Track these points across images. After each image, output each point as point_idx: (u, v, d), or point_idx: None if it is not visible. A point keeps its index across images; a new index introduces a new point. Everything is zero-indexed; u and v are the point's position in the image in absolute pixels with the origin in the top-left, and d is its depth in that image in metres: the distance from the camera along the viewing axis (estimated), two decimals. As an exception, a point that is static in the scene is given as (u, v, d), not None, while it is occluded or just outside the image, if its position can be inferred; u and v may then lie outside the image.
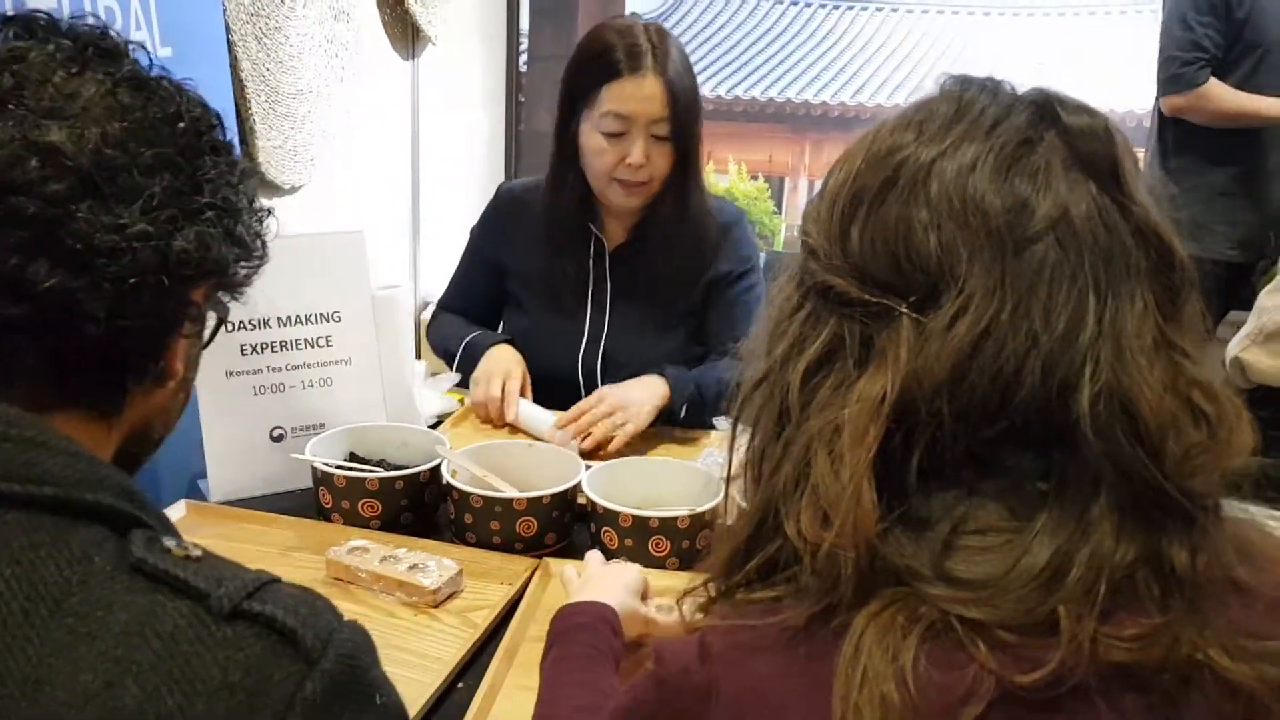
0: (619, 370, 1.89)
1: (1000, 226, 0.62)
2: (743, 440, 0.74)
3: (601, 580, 1.15)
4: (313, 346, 1.61)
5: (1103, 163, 0.64)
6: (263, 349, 1.57)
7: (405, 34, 3.17)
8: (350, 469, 1.48)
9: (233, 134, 0.80)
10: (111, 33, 0.76)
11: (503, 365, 1.88)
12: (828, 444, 0.64)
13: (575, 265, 1.94)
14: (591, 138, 1.80)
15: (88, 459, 0.68)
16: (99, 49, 0.73)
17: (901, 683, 0.57)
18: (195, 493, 1.55)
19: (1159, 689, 0.59)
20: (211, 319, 0.83)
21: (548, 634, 1.06)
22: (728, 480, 0.77)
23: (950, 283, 0.62)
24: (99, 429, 0.74)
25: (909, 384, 0.62)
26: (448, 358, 2.00)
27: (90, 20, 0.77)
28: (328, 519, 1.47)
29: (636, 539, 1.35)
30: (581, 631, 1.04)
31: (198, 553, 0.67)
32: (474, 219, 2.11)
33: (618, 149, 1.78)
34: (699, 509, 1.36)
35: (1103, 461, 0.60)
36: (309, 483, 1.51)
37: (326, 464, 1.47)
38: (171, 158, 0.72)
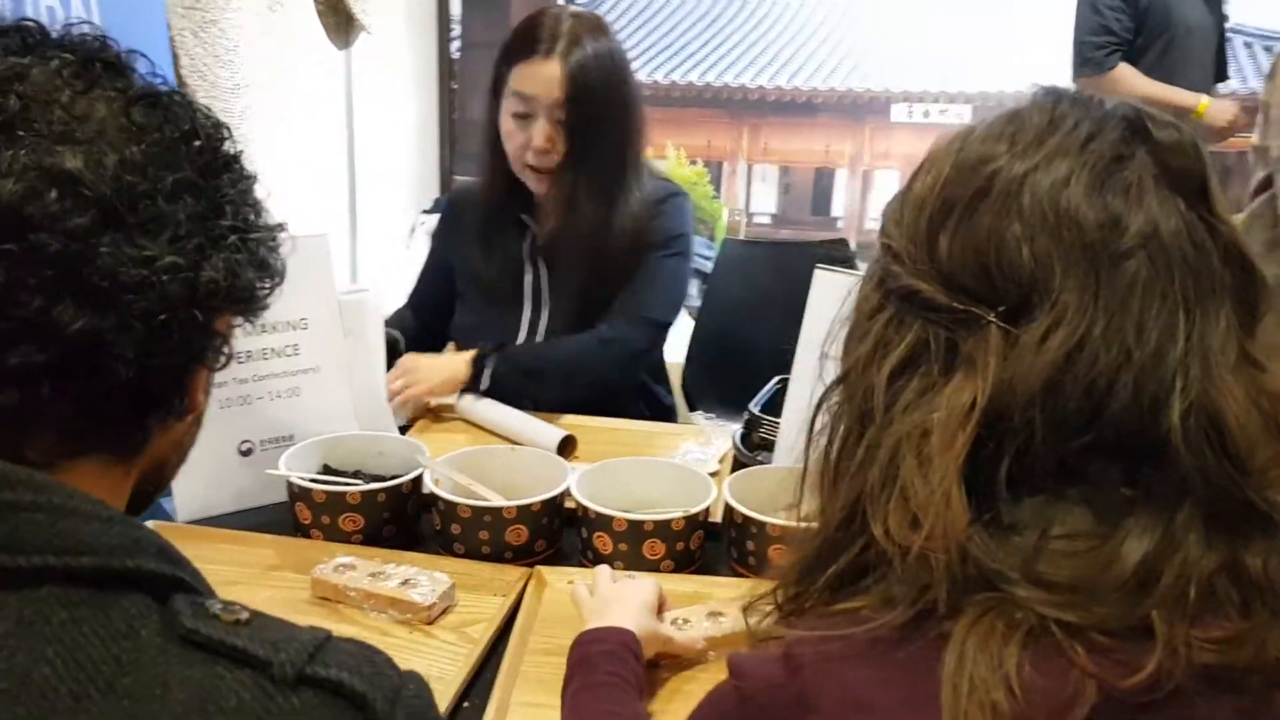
0: (516, 361, 1.88)
1: (1094, 242, 0.63)
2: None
3: (617, 600, 1.13)
4: (279, 356, 1.55)
5: (1192, 180, 0.66)
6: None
7: (339, 23, 3.08)
8: (329, 482, 1.44)
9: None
10: (110, 42, 0.70)
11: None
12: (916, 447, 0.65)
13: (506, 256, 1.94)
14: (505, 120, 1.83)
15: (122, 521, 0.63)
16: (104, 63, 0.67)
17: (1009, 690, 0.58)
18: (160, 513, 1.49)
19: (1249, 691, 0.60)
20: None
21: (568, 662, 1.04)
22: (802, 482, 0.76)
23: (1043, 295, 0.63)
24: (118, 473, 0.69)
25: (1000, 393, 0.63)
26: None
27: (84, 27, 0.71)
28: (306, 535, 1.42)
29: (631, 543, 1.33)
30: (604, 660, 1.02)
31: (245, 615, 0.63)
32: (410, 212, 2.12)
33: (525, 132, 1.80)
34: (693, 510, 1.35)
35: (1192, 473, 0.62)
36: (281, 497, 1.46)
37: (303, 478, 1.42)
38: (192, 180, 0.67)
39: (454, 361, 1.84)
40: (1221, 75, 3.14)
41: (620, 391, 1.99)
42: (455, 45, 4.28)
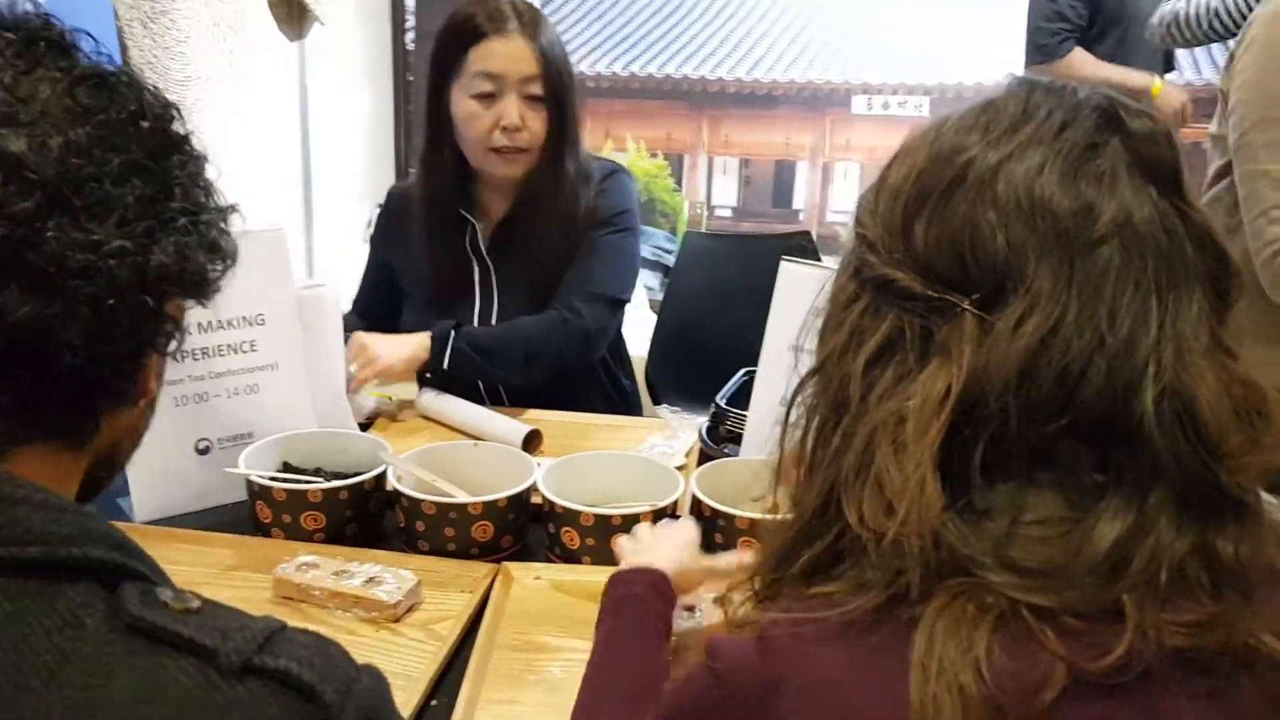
0: (476, 341, 1.85)
1: (1067, 229, 0.64)
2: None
3: (653, 544, 1.16)
4: (236, 352, 1.52)
5: (1165, 169, 0.66)
6: (182, 357, 1.43)
7: (291, 13, 3.04)
8: (289, 480, 1.41)
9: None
10: (54, 21, 0.67)
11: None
12: (891, 434, 0.65)
13: (452, 253, 1.90)
14: (463, 105, 1.77)
15: (73, 511, 0.62)
16: (48, 42, 0.65)
17: (978, 673, 0.58)
18: (117, 513, 1.46)
19: (1220, 673, 0.61)
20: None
21: (600, 604, 1.06)
22: (777, 472, 0.77)
23: (1018, 282, 0.64)
24: (67, 460, 0.67)
25: (974, 379, 0.63)
26: None
27: (26, 6, 0.68)
28: (267, 534, 1.39)
29: (598, 538, 1.31)
30: (631, 604, 1.04)
31: (196, 603, 0.62)
32: (366, 205, 2.09)
33: (492, 112, 1.76)
34: (660, 503, 1.34)
35: (1165, 457, 0.62)
36: (241, 496, 1.43)
37: (263, 476, 1.39)
38: (140, 162, 0.65)
39: (412, 340, 1.78)
40: (1169, 66, 3.18)
41: (581, 374, 1.96)
42: (409, 36, 4.24)
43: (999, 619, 0.60)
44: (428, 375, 1.81)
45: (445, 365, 1.78)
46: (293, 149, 3.21)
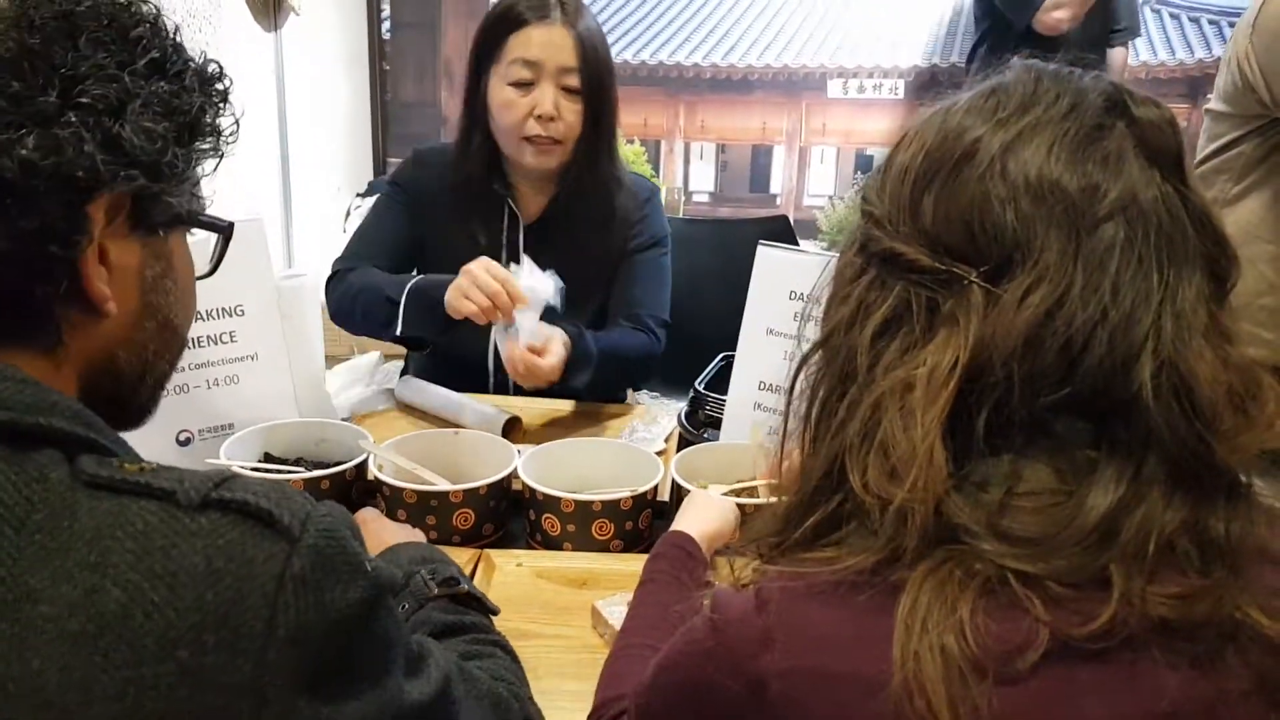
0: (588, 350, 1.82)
1: (1074, 205, 0.66)
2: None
3: (685, 512, 1.25)
4: (216, 343, 1.52)
5: (1168, 154, 0.68)
6: (162, 349, 1.47)
7: (267, 4, 3.02)
8: (270, 471, 1.42)
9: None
10: None
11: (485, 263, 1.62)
12: (898, 402, 0.67)
13: (487, 236, 1.87)
14: (500, 92, 1.76)
15: (35, 384, 0.66)
16: None
17: (960, 633, 0.60)
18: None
19: (1203, 645, 0.62)
20: (205, 241, 0.78)
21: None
22: (783, 442, 0.78)
23: (1026, 255, 0.66)
24: (44, 366, 0.69)
25: (980, 349, 0.65)
26: (379, 313, 1.75)
27: None
28: (249, 524, 1.39)
29: (579, 524, 1.32)
30: (657, 562, 1.13)
31: (152, 465, 0.64)
32: (345, 194, 2.03)
33: (527, 100, 1.73)
34: (640, 489, 1.35)
35: (1161, 430, 0.64)
36: (223, 487, 1.43)
37: (244, 467, 1.40)
38: (13, 59, 0.65)
39: (558, 347, 1.66)
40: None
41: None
42: (385, 25, 4.22)
43: (985, 584, 0.62)
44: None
45: (584, 381, 1.72)
46: (271, 140, 3.20)
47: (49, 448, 0.63)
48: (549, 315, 1.65)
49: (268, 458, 1.49)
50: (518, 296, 1.59)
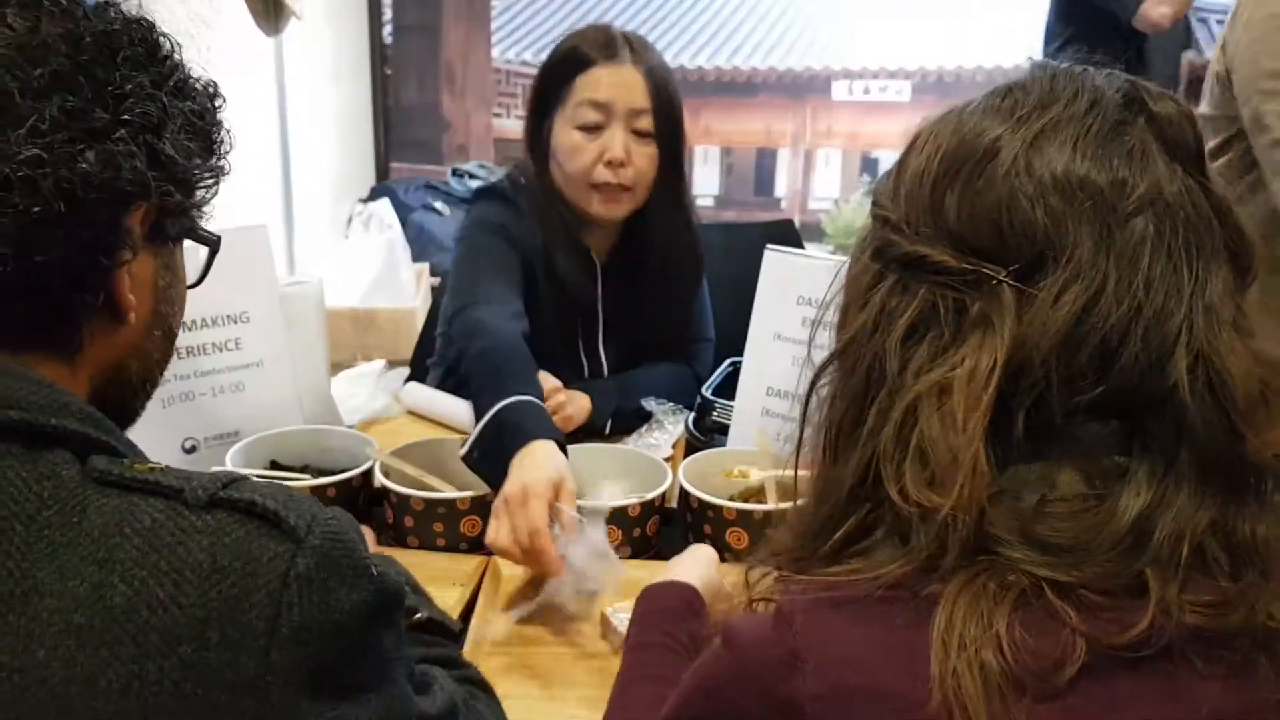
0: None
1: (1104, 202, 0.65)
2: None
3: (682, 558, 1.15)
4: (221, 350, 1.51)
5: (1188, 148, 0.69)
6: (166, 356, 1.47)
7: (268, 9, 3.02)
8: (277, 478, 1.41)
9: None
10: None
11: (544, 475, 1.22)
12: (935, 407, 0.66)
13: (570, 274, 1.72)
14: (566, 136, 1.66)
15: (50, 386, 0.67)
16: None
17: (998, 649, 0.59)
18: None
19: (1238, 654, 0.62)
20: (198, 254, 0.81)
21: (632, 614, 1.05)
22: (798, 453, 0.78)
23: (1057, 253, 0.65)
24: (61, 370, 0.71)
25: (1018, 350, 0.65)
26: (466, 409, 1.60)
27: None
28: (255, 533, 1.38)
29: (587, 530, 1.31)
30: (662, 619, 1.02)
31: (161, 465, 0.66)
32: (347, 201, 2.02)
33: (596, 145, 1.63)
34: (648, 495, 1.34)
35: (1195, 425, 0.64)
36: (228, 495, 1.42)
37: (251, 475, 1.39)
38: (69, 76, 0.67)
39: (584, 406, 1.67)
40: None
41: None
42: (387, 30, 4.22)
43: (1020, 597, 0.61)
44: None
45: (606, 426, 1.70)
46: (271, 146, 3.19)
47: (61, 448, 0.65)
48: None
49: (274, 465, 1.48)
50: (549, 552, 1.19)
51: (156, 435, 1.46)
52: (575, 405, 1.65)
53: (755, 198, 4.22)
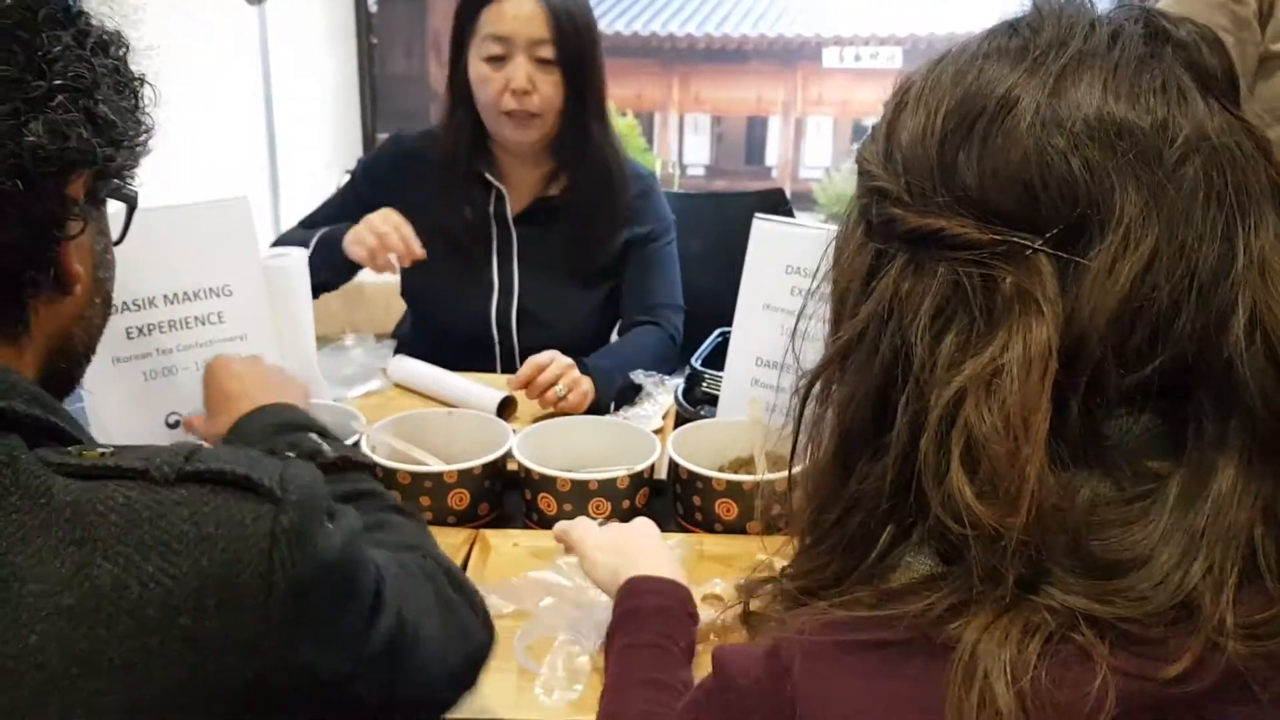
0: (540, 329, 1.84)
1: (1150, 147, 0.57)
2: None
3: (643, 546, 1.04)
4: (204, 324, 1.49)
5: (1220, 77, 0.60)
6: (150, 330, 1.45)
7: (251, -23, 2.97)
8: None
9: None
10: None
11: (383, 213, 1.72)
12: (985, 403, 0.56)
13: (475, 212, 1.86)
14: (476, 68, 1.76)
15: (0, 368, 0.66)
16: None
17: (1022, 708, 0.53)
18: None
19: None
20: (118, 212, 0.79)
21: (614, 608, 0.97)
22: (792, 455, 0.70)
23: (1106, 214, 0.56)
24: (9, 350, 0.70)
25: (1070, 330, 0.56)
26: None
27: None
28: (240, 508, 1.37)
29: (576, 503, 1.31)
30: (656, 618, 0.94)
31: (109, 449, 0.66)
32: (333, 171, 2.02)
33: (502, 75, 1.73)
34: (637, 467, 1.33)
35: (1252, 394, 0.56)
36: (213, 470, 1.41)
37: (234, 450, 1.37)
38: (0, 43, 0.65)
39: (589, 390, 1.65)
40: None
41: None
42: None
43: (1046, 643, 0.54)
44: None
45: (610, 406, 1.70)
46: (256, 117, 3.16)
47: (13, 433, 0.64)
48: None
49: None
50: (409, 239, 1.66)
51: (139, 410, 1.45)
52: (578, 391, 1.63)
53: (746, 166, 4.19)
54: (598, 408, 1.65)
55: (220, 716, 0.62)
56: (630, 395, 1.73)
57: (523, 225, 1.89)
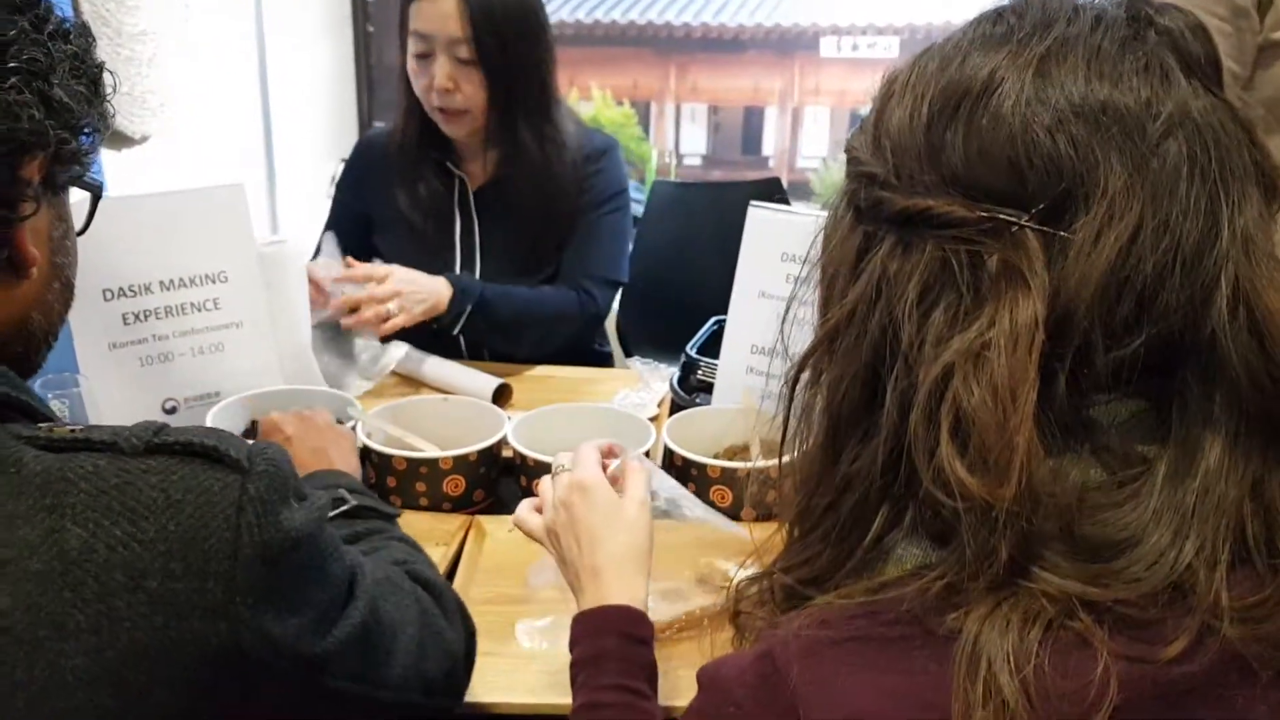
0: (494, 314, 1.83)
1: (1134, 124, 0.58)
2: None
3: (611, 553, 0.93)
4: (199, 310, 1.50)
5: (1204, 60, 0.61)
6: (146, 316, 1.45)
7: (247, -35, 2.96)
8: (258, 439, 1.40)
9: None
10: None
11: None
12: (973, 375, 0.57)
13: (433, 204, 1.88)
14: (409, 63, 1.78)
15: None
16: None
17: (1026, 697, 0.53)
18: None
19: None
20: (81, 200, 0.80)
21: (572, 645, 0.91)
22: (783, 442, 0.70)
23: (1088, 188, 0.57)
24: None
25: (1056, 303, 0.57)
26: None
27: None
28: (236, 494, 1.38)
29: (571, 489, 1.31)
30: (611, 666, 0.87)
31: (81, 427, 0.67)
32: (330, 160, 2.04)
33: (426, 73, 1.75)
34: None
35: (1236, 369, 0.57)
36: (209, 456, 1.41)
37: (230, 436, 1.38)
38: None
39: (437, 292, 1.74)
40: None
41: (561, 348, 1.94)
42: (370, -13, 4.15)
43: (1047, 630, 0.55)
44: (434, 325, 1.76)
45: (456, 330, 1.76)
46: (252, 104, 3.15)
47: None
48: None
49: (255, 425, 1.47)
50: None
51: (136, 395, 1.46)
52: (405, 307, 1.68)
53: (743, 156, 4.18)
54: (440, 320, 1.72)
55: (188, 684, 0.63)
56: (492, 332, 1.79)
57: (483, 210, 1.90)
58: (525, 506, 1.04)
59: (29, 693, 0.59)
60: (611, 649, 0.88)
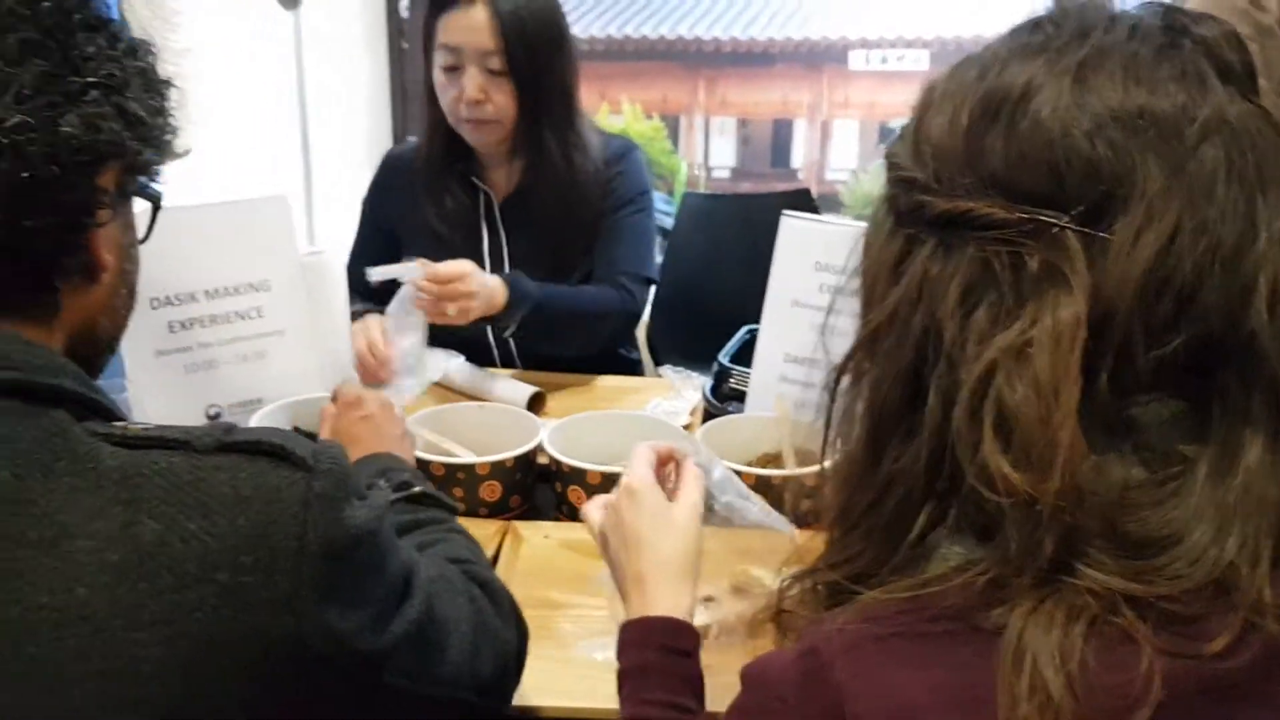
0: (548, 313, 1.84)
1: (1171, 128, 0.59)
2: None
3: (657, 561, 0.92)
4: (243, 319, 1.53)
5: (1240, 70, 0.62)
6: (191, 325, 1.49)
7: (285, -18, 3.01)
8: (298, 445, 1.42)
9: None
10: None
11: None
12: (1017, 372, 0.58)
13: (459, 212, 1.89)
14: (436, 76, 1.79)
15: (42, 348, 0.71)
16: None
17: (1071, 691, 0.54)
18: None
19: None
20: (143, 210, 0.82)
21: (619, 653, 0.90)
22: (824, 448, 0.72)
23: (1127, 190, 0.58)
24: (39, 334, 0.73)
25: (1097, 303, 0.58)
26: None
27: None
28: (278, 498, 1.40)
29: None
30: (657, 680, 0.87)
31: (153, 426, 0.70)
32: (365, 173, 2.06)
33: (456, 85, 1.76)
34: (666, 461, 1.35)
35: (1274, 368, 0.58)
36: (252, 461, 1.44)
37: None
38: (39, 41, 0.69)
39: (494, 292, 1.70)
40: None
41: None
42: (403, 3, 4.20)
43: (1091, 625, 0.56)
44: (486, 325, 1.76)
45: (509, 333, 1.75)
46: (291, 118, 3.20)
47: (60, 408, 0.68)
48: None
49: (297, 431, 1.49)
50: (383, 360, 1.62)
51: (180, 402, 1.49)
52: (483, 295, 1.66)
53: (772, 169, 4.21)
54: (496, 322, 1.71)
55: (253, 677, 0.66)
56: (544, 334, 1.77)
57: (509, 221, 1.91)
58: (595, 503, 1.04)
59: (105, 681, 0.62)
60: (654, 662, 0.87)
